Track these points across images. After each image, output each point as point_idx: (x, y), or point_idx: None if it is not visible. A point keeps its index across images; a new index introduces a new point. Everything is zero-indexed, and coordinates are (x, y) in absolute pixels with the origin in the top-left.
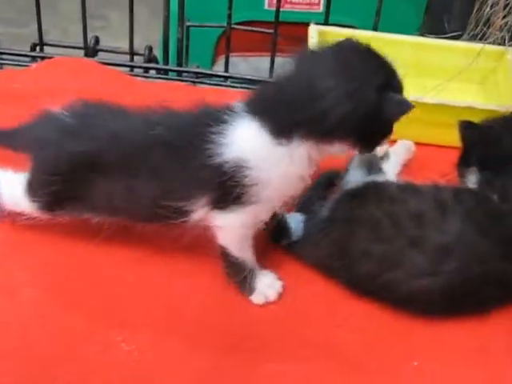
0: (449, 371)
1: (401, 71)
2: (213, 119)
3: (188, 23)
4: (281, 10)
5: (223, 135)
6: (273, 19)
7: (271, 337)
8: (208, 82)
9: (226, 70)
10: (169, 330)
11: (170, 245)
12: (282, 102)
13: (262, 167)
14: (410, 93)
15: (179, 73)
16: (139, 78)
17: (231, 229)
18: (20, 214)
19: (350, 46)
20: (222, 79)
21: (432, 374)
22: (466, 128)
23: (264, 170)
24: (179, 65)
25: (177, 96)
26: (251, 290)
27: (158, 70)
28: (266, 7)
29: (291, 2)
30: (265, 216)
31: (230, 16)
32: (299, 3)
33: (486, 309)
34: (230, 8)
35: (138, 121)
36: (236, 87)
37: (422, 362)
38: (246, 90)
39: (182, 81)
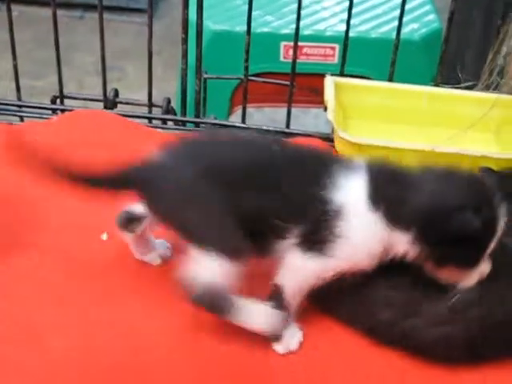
0: None
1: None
2: (336, 158)
3: (205, 75)
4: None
5: (340, 177)
6: (288, 70)
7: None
8: None
9: (243, 121)
10: None
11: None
12: (389, 180)
13: (351, 223)
14: (425, 142)
15: (197, 124)
16: (158, 130)
17: (300, 272)
18: None
19: (475, 175)
20: (238, 130)
21: None
22: (486, 174)
23: (351, 227)
24: (197, 116)
25: None
26: (278, 338)
27: (176, 122)
28: (282, 59)
29: (306, 54)
30: (331, 274)
31: (247, 68)
32: (314, 54)
33: (510, 356)
34: (246, 60)
35: (254, 143)
36: None
37: None
38: None
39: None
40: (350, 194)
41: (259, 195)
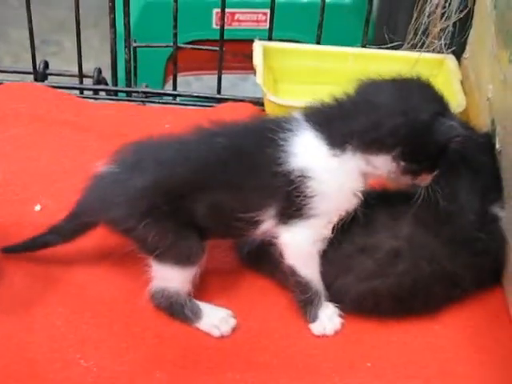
0: (401, 370)
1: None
2: (277, 126)
3: (135, 44)
4: (228, 27)
5: (289, 143)
6: None
7: (228, 347)
8: (158, 101)
9: (174, 89)
10: (128, 345)
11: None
12: (340, 115)
13: (321, 178)
14: None
15: (129, 93)
16: (89, 100)
17: (296, 245)
18: None
19: (411, 79)
20: (171, 98)
21: (385, 374)
22: None
23: (322, 182)
24: (128, 85)
25: (127, 116)
26: (314, 318)
27: (108, 92)
28: (215, 26)
29: (239, 20)
30: (325, 231)
31: (175, 35)
32: (246, 20)
33: (436, 308)
34: (175, 27)
35: (198, 139)
36: (186, 105)
37: (375, 363)
38: (196, 108)
39: (132, 101)
40: (305, 153)
41: (215, 196)
